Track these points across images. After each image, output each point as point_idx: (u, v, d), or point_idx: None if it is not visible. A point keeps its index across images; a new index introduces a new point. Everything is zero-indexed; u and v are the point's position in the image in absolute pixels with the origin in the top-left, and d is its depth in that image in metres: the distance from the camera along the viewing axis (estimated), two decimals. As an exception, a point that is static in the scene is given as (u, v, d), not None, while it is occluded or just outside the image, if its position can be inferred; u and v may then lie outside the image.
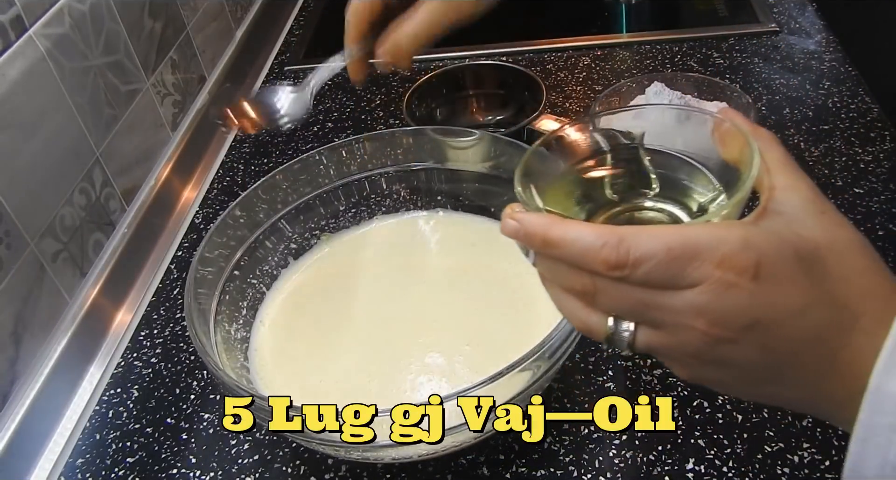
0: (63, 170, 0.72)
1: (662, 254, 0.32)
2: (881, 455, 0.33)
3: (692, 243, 0.32)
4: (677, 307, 0.33)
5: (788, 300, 0.33)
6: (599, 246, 0.33)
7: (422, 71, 1.04)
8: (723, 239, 0.32)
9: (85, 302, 0.73)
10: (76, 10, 0.75)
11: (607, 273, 0.33)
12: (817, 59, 0.94)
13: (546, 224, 0.34)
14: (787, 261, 0.33)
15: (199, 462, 0.61)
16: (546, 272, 0.37)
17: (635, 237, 0.32)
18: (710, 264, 0.32)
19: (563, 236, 0.34)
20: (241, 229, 0.66)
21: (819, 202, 0.35)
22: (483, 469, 0.57)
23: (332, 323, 0.65)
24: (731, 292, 0.32)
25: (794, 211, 0.35)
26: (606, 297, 0.34)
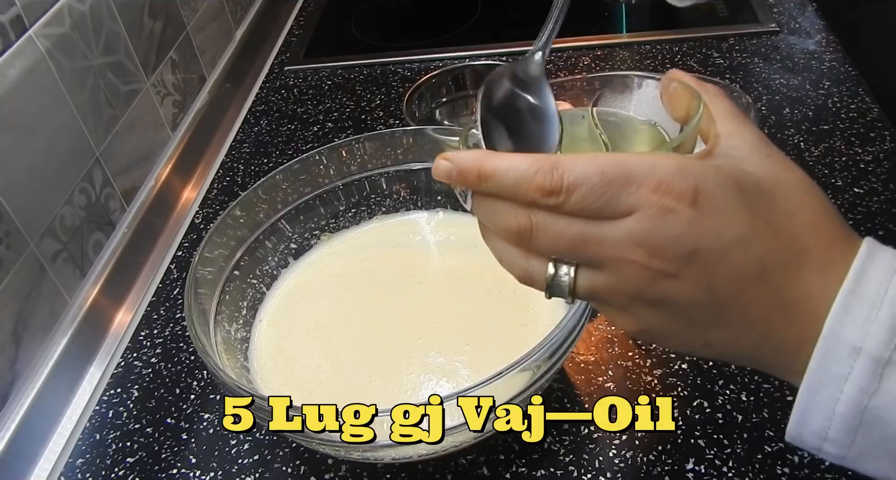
0: (63, 170, 0.72)
1: (597, 178, 0.31)
2: (829, 407, 0.32)
3: (627, 168, 0.31)
4: (615, 238, 0.32)
5: (729, 228, 0.31)
6: (533, 172, 0.32)
7: (422, 71, 1.04)
8: (659, 165, 0.31)
9: (85, 302, 0.73)
10: (76, 10, 0.75)
11: (542, 200, 0.32)
12: (817, 59, 0.94)
13: (479, 157, 0.33)
14: (727, 189, 0.32)
15: (199, 462, 0.61)
16: (484, 216, 0.35)
17: (570, 162, 0.32)
18: (646, 189, 0.31)
19: (497, 167, 0.33)
20: (241, 229, 0.66)
21: (765, 146, 0.35)
22: (483, 469, 0.57)
23: (333, 323, 0.66)
24: (669, 217, 0.31)
25: (738, 153, 0.34)
26: (544, 235, 0.33)
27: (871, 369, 0.30)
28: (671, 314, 0.33)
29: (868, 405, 0.31)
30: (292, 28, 1.21)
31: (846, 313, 0.31)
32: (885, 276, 0.31)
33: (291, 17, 1.23)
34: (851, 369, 0.31)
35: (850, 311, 0.31)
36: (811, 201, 0.34)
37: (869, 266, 0.31)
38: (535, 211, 0.33)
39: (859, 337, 0.30)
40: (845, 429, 0.32)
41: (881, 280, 0.31)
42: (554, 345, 0.51)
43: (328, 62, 1.09)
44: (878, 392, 0.30)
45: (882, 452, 0.32)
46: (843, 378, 0.31)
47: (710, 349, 0.35)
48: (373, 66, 1.08)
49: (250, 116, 1.02)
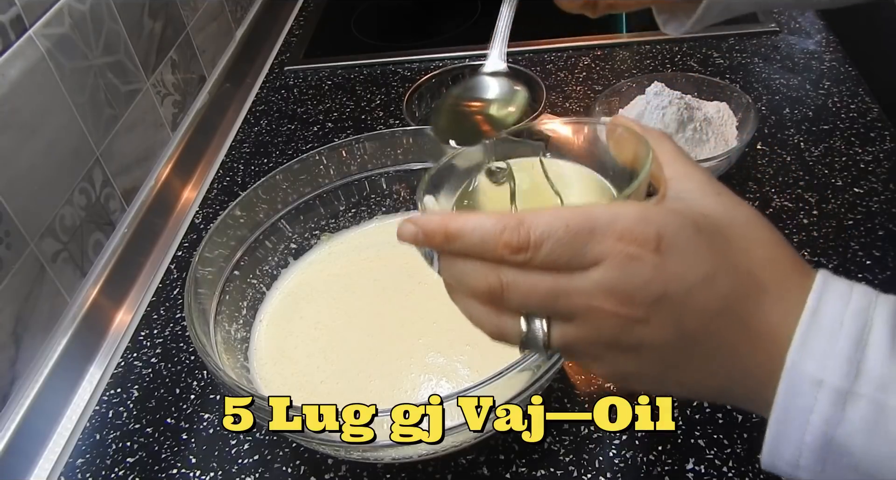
0: (63, 170, 0.72)
1: (562, 231, 0.32)
2: (798, 438, 0.32)
3: (591, 219, 0.32)
4: (585, 288, 0.32)
5: (693, 269, 0.32)
6: (500, 230, 0.32)
7: (422, 71, 1.04)
8: (621, 214, 0.32)
9: (85, 302, 0.73)
10: (76, 10, 0.75)
11: (511, 258, 0.32)
12: (817, 59, 0.94)
13: (444, 219, 0.34)
14: (687, 232, 0.33)
15: (199, 462, 0.61)
16: (451, 278, 0.36)
17: (534, 218, 0.32)
18: (610, 239, 0.32)
19: (463, 226, 0.33)
20: (241, 229, 0.66)
21: (714, 186, 0.36)
22: (483, 469, 0.57)
23: (333, 323, 0.66)
24: (635, 264, 0.32)
25: (691, 196, 0.35)
26: (515, 291, 0.33)
27: (833, 400, 0.31)
28: (644, 357, 0.34)
29: (834, 435, 0.31)
30: (292, 28, 1.21)
31: (805, 346, 0.32)
32: (839, 307, 0.32)
33: (291, 17, 1.23)
34: (815, 401, 0.31)
35: (809, 344, 0.32)
36: (764, 235, 0.35)
37: (824, 298, 0.33)
38: (504, 269, 0.33)
39: (819, 369, 0.31)
40: (815, 458, 0.32)
41: (836, 312, 0.32)
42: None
43: (328, 62, 1.09)
44: (842, 423, 0.31)
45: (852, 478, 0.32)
46: (809, 410, 0.32)
47: (684, 388, 0.36)
48: (373, 66, 1.08)
49: (250, 116, 1.02)
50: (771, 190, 0.77)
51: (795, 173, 0.78)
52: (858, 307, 0.32)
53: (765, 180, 0.78)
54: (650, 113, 0.75)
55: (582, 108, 0.92)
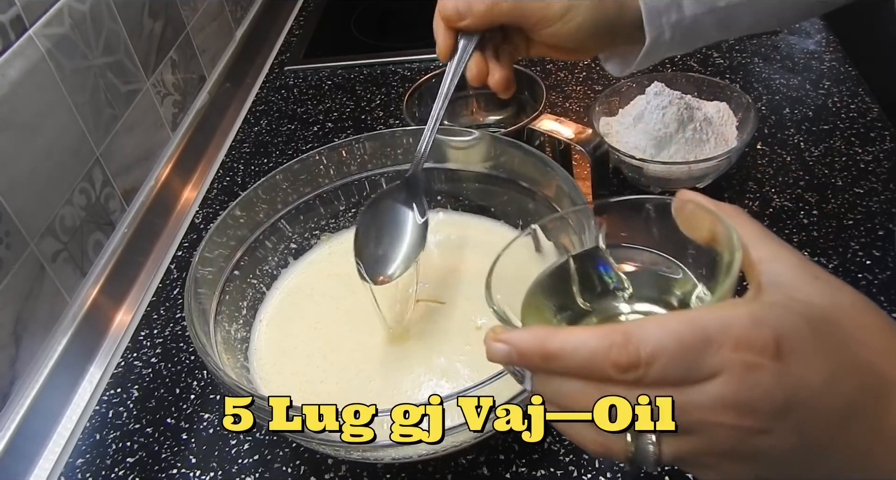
0: (63, 170, 0.72)
1: (674, 345, 0.29)
2: None
3: (702, 328, 0.30)
4: (701, 403, 0.30)
5: (815, 372, 0.30)
6: (606, 348, 0.30)
7: (422, 71, 1.04)
8: (732, 319, 0.30)
9: (85, 302, 0.73)
10: (76, 11, 0.75)
11: (621, 377, 0.30)
12: (817, 58, 0.94)
13: (541, 337, 0.31)
14: (802, 332, 0.30)
15: (199, 462, 0.61)
16: (551, 398, 0.33)
17: (642, 331, 0.30)
18: (726, 349, 0.29)
19: (564, 346, 0.31)
20: (241, 229, 0.66)
21: (809, 268, 0.34)
22: (483, 469, 0.57)
23: (333, 323, 0.65)
24: (756, 374, 0.29)
25: (788, 281, 0.33)
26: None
27: None
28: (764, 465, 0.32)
29: None
30: (292, 28, 1.21)
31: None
32: None
33: (291, 17, 1.23)
34: None
35: None
36: (875, 321, 0.33)
37: None
38: (611, 388, 0.31)
39: None
40: None
41: None
42: (554, 345, 0.51)
43: (328, 62, 1.09)
44: None
45: None
46: None
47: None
48: (373, 66, 1.08)
49: (250, 116, 1.02)
50: (771, 190, 0.76)
51: (795, 173, 0.78)
52: None
53: (765, 180, 0.78)
54: (650, 113, 0.75)
55: (582, 108, 0.92)
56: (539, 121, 0.74)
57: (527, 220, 0.69)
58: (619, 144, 0.77)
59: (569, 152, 0.78)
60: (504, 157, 0.67)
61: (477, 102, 0.90)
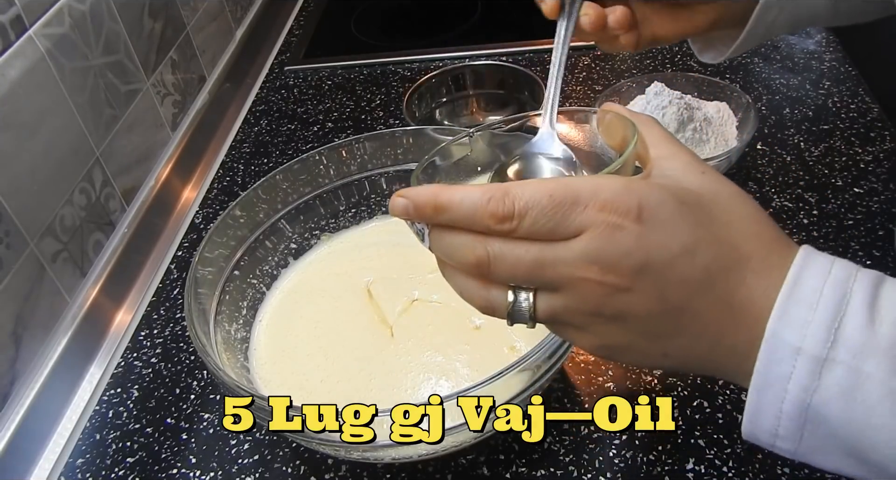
0: (63, 170, 0.72)
1: (546, 200, 0.33)
2: (777, 406, 0.33)
3: (574, 190, 0.33)
4: (568, 258, 0.33)
5: (674, 239, 0.33)
6: (486, 200, 0.33)
7: (422, 71, 1.04)
8: (603, 185, 0.33)
9: (85, 302, 0.73)
10: (76, 10, 0.75)
11: (496, 228, 0.33)
12: (817, 58, 0.94)
13: (434, 191, 0.34)
14: (669, 204, 0.33)
15: (199, 462, 0.61)
16: (442, 252, 0.36)
17: (520, 188, 0.33)
18: (592, 209, 0.32)
19: (451, 198, 0.34)
20: (241, 229, 0.66)
21: (700, 165, 0.37)
22: (483, 469, 0.57)
23: (332, 323, 0.65)
24: (617, 234, 0.32)
25: (676, 174, 0.36)
26: (501, 262, 0.34)
27: (810, 367, 0.32)
28: (629, 327, 0.35)
29: (811, 403, 0.32)
30: (292, 28, 1.21)
31: (785, 315, 0.33)
32: (820, 279, 0.33)
33: (291, 17, 1.23)
34: (793, 369, 0.32)
35: (789, 313, 0.33)
36: (747, 210, 0.36)
37: (805, 270, 0.33)
38: (491, 241, 0.34)
39: (798, 338, 0.32)
40: (793, 427, 0.33)
41: (816, 283, 0.33)
42: (554, 345, 0.51)
43: (328, 62, 1.09)
44: (818, 390, 0.32)
45: (830, 447, 0.33)
46: (787, 378, 0.32)
47: (668, 359, 0.36)
48: (373, 66, 1.08)
49: (250, 116, 1.02)
50: (771, 190, 0.76)
51: (795, 173, 0.78)
52: (838, 279, 0.33)
53: (765, 180, 0.78)
54: (650, 113, 0.75)
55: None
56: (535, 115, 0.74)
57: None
58: (619, 144, 0.77)
59: (569, 152, 0.78)
60: (504, 157, 0.67)
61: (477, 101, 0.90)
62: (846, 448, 0.33)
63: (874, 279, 0.33)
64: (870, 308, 0.32)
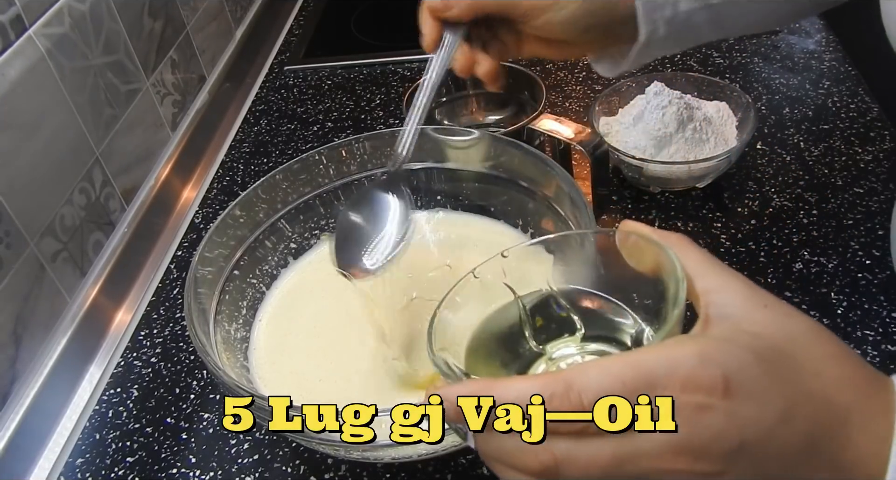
0: (63, 170, 0.72)
1: (618, 390, 0.29)
2: None
3: (646, 370, 0.29)
4: (651, 450, 0.29)
5: (768, 409, 0.29)
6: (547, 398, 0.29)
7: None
8: (678, 359, 0.29)
9: (85, 302, 0.73)
10: (76, 10, 0.75)
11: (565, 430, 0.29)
12: (817, 58, 0.94)
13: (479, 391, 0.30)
14: (752, 367, 0.29)
15: (198, 462, 0.61)
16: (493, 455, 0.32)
17: (584, 378, 0.29)
18: (673, 390, 0.29)
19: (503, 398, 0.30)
20: (241, 228, 0.66)
21: (758, 296, 0.32)
22: (483, 469, 0.57)
23: (332, 323, 0.65)
24: (706, 415, 0.28)
25: (736, 312, 0.32)
26: (572, 465, 0.30)
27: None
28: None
29: None
30: (292, 28, 1.21)
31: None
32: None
33: (291, 17, 1.23)
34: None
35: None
36: (831, 350, 0.32)
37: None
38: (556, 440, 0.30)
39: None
40: None
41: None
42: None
43: (328, 62, 1.09)
44: None
45: None
46: None
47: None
48: (372, 65, 1.08)
49: (250, 115, 1.02)
50: (771, 190, 0.76)
51: (795, 173, 0.78)
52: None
53: (765, 180, 0.78)
54: (650, 113, 0.75)
55: (582, 107, 0.92)
56: (539, 120, 0.74)
57: (526, 219, 0.69)
58: (619, 144, 0.77)
59: (568, 152, 0.78)
60: (504, 156, 0.67)
61: (477, 101, 0.90)
62: None
63: None
64: None
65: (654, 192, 0.78)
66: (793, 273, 0.68)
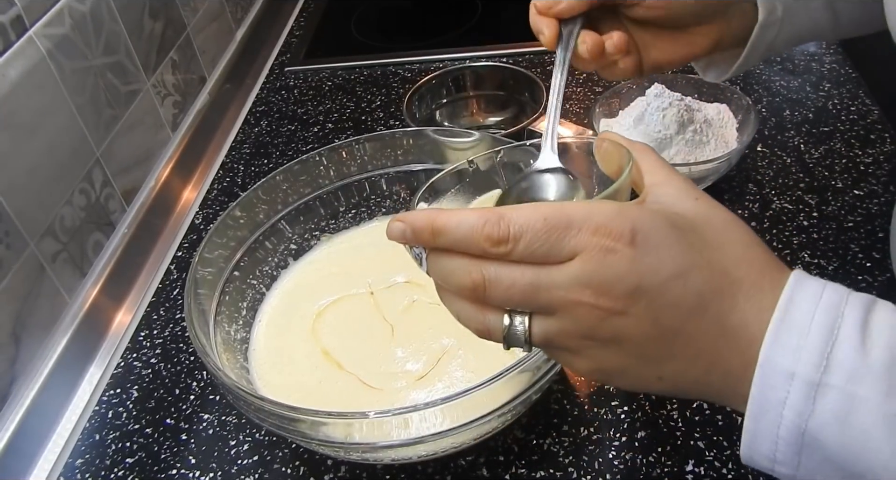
0: (63, 170, 0.72)
1: (540, 224, 0.33)
2: (773, 431, 0.33)
3: (567, 214, 0.33)
4: (563, 282, 0.33)
5: (667, 264, 0.33)
6: (482, 223, 0.34)
7: (422, 72, 1.04)
8: (597, 209, 0.34)
9: (85, 303, 0.73)
10: (76, 11, 0.75)
11: (491, 250, 0.34)
12: (817, 60, 0.94)
13: (431, 216, 0.35)
14: (662, 228, 0.34)
15: (198, 463, 0.61)
16: (438, 276, 0.37)
17: (514, 212, 0.34)
18: (586, 232, 0.33)
19: (448, 221, 0.34)
20: (241, 229, 0.66)
21: (693, 191, 0.37)
22: (482, 471, 0.57)
23: (332, 324, 0.65)
24: (610, 257, 0.33)
25: (669, 199, 0.37)
26: (497, 286, 0.34)
27: (805, 392, 0.32)
28: (623, 350, 0.35)
29: (806, 428, 0.32)
30: (292, 29, 1.21)
31: (777, 340, 0.33)
32: (811, 303, 0.33)
33: (292, 18, 1.24)
34: (788, 393, 0.32)
35: (781, 338, 0.33)
36: (739, 235, 0.36)
37: (797, 294, 0.34)
38: (487, 265, 0.34)
39: (791, 363, 0.32)
40: (791, 451, 0.33)
41: (808, 307, 0.33)
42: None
43: (328, 63, 1.09)
44: (813, 415, 0.32)
45: (828, 470, 0.33)
46: (782, 403, 0.32)
47: (663, 383, 0.36)
48: (373, 67, 1.08)
49: (250, 116, 1.02)
50: (771, 192, 0.77)
51: (795, 175, 0.78)
52: (830, 303, 0.33)
53: (765, 182, 0.78)
54: (650, 115, 0.75)
55: (582, 109, 0.92)
56: (539, 122, 0.74)
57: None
58: (620, 146, 0.77)
59: (569, 154, 0.78)
60: (504, 158, 0.67)
61: (477, 103, 0.90)
62: (844, 473, 0.32)
63: (865, 303, 0.33)
64: (861, 332, 0.32)
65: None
66: (793, 275, 0.68)
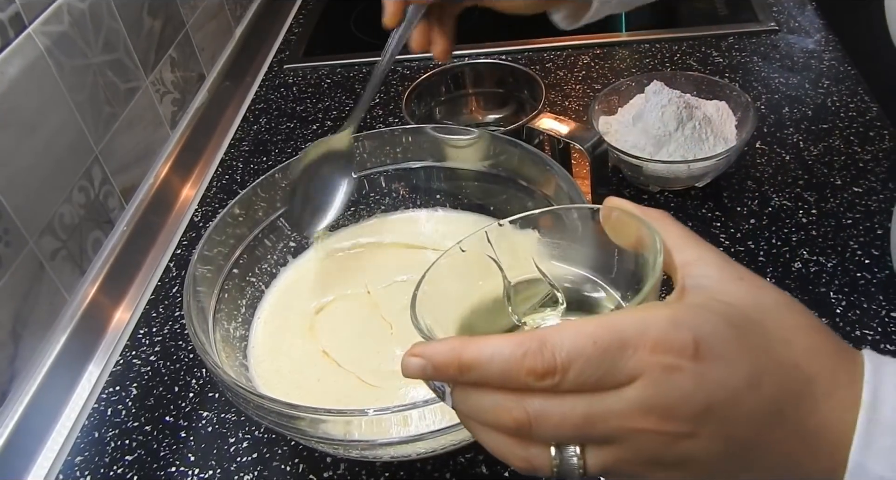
0: (62, 168, 0.72)
1: (590, 349, 0.29)
2: None
3: (618, 331, 0.29)
4: (621, 410, 0.29)
5: (736, 373, 0.30)
6: (521, 355, 0.29)
7: (421, 69, 1.04)
8: (650, 321, 0.30)
9: (84, 300, 0.73)
10: (75, 8, 0.75)
11: (537, 385, 0.29)
12: (817, 58, 0.94)
13: (456, 347, 0.30)
14: (723, 333, 0.30)
15: (197, 460, 0.61)
16: (469, 413, 0.32)
17: (557, 336, 0.29)
18: (643, 351, 0.29)
19: (479, 355, 0.30)
20: (240, 227, 0.66)
21: (733, 269, 0.33)
22: (482, 468, 0.58)
23: (331, 322, 0.65)
24: (674, 377, 0.29)
25: (711, 283, 0.33)
26: (545, 422, 0.30)
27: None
28: (692, 470, 0.31)
29: None
30: (291, 26, 1.21)
31: (868, 445, 0.30)
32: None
33: (291, 16, 1.23)
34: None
35: (872, 442, 0.30)
36: (801, 321, 0.32)
37: (880, 388, 0.31)
38: (530, 400, 0.30)
39: (886, 468, 0.30)
40: None
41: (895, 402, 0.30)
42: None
43: (327, 60, 1.09)
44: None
45: None
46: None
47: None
48: (372, 64, 1.07)
49: (249, 114, 1.02)
50: (770, 189, 0.77)
51: (794, 172, 0.78)
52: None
53: (764, 179, 0.78)
54: (649, 112, 0.75)
55: (581, 106, 0.92)
56: (538, 119, 0.74)
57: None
58: (619, 143, 0.77)
59: (568, 151, 0.78)
60: (503, 155, 0.67)
61: (476, 100, 0.90)
62: None
63: None
64: None
65: (653, 191, 0.78)
66: (792, 273, 0.68)
